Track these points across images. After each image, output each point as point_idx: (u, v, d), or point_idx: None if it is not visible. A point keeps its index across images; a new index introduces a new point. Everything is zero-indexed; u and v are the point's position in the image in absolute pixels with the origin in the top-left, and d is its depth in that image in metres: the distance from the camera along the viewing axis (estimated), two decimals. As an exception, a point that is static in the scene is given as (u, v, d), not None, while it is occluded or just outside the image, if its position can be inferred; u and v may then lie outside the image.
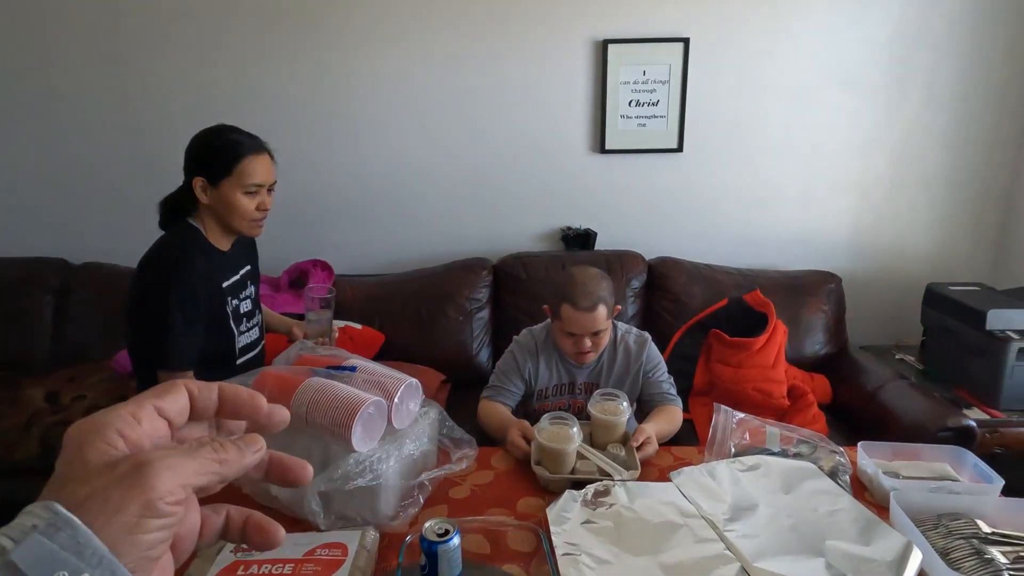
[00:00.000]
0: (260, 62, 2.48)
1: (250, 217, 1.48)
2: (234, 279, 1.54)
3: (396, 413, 1.13)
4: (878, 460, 1.37)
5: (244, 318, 1.57)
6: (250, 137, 1.48)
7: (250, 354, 1.59)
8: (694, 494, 1.24)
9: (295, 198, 2.62)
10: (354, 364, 1.18)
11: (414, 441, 1.17)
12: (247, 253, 1.66)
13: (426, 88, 2.52)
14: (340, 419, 1.02)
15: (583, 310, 1.53)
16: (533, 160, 2.60)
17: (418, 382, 1.18)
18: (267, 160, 1.49)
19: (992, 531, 1.13)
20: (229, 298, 1.51)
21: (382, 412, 1.09)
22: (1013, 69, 2.46)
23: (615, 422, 1.40)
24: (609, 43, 2.43)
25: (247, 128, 1.54)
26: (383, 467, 1.08)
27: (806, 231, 2.66)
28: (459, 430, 1.33)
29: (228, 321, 1.50)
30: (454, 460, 1.27)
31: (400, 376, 1.16)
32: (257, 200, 1.48)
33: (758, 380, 2.10)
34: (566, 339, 1.59)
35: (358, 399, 1.04)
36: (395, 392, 1.12)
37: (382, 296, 2.47)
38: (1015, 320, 2.07)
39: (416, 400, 1.20)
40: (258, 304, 1.67)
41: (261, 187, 1.47)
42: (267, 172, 1.48)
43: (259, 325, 1.65)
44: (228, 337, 1.50)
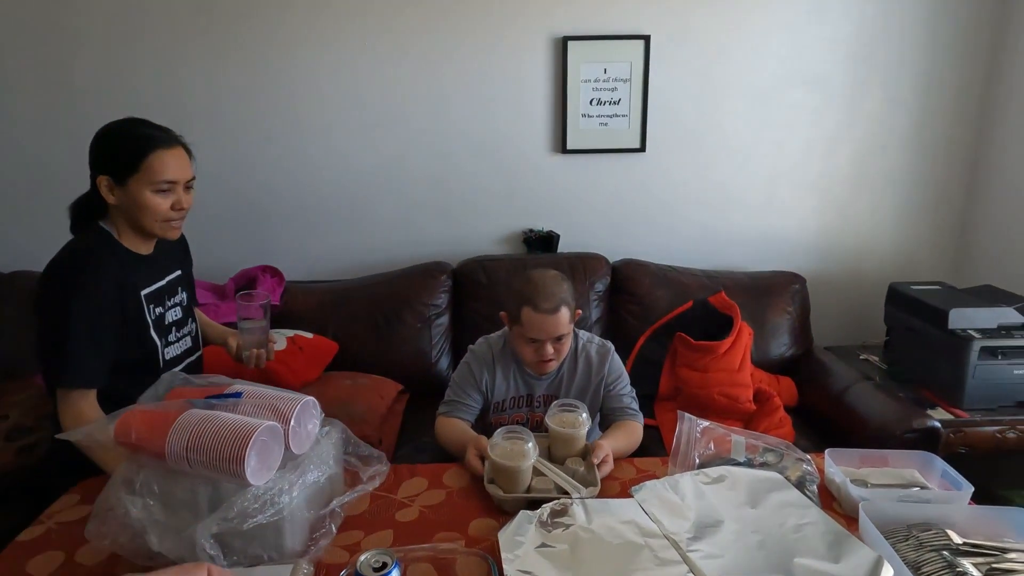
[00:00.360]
0: (193, 56, 2.35)
1: (163, 217, 1.34)
2: (158, 285, 1.42)
3: (294, 437, 1.03)
4: (846, 468, 1.32)
5: (172, 328, 1.45)
6: (160, 129, 1.36)
7: (180, 367, 1.47)
8: (656, 510, 1.16)
9: (240, 200, 2.50)
10: (238, 390, 1.07)
11: (318, 466, 1.07)
12: (176, 257, 1.53)
13: (377, 85, 2.41)
14: (229, 452, 0.91)
15: (544, 312, 1.44)
16: (493, 160, 2.52)
17: (315, 400, 1.09)
18: (181, 154, 1.36)
19: (964, 542, 1.08)
20: (151, 306, 1.38)
21: (277, 438, 0.99)
22: (970, 69, 2.47)
23: (574, 435, 1.32)
24: (569, 40, 2.37)
25: (181, 127, 1.41)
26: (286, 499, 0.97)
27: (769, 231, 2.63)
28: (366, 446, 1.23)
29: (149, 331, 1.37)
30: (365, 480, 1.17)
31: (294, 396, 1.06)
32: (171, 199, 1.35)
33: (724, 384, 2.05)
34: (527, 347, 1.50)
35: (248, 426, 0.94)
36: (290, 414, 1.02)
37: (335, 303, 2.35)
38: (976, 319, 2.06)
39: (315, 420, 1.10)
40: (192, 312, 1.55)
41: (175, 184, 1.34)
42: (181, 167, 1.35)
43: (192, 335, 1.53)
44: (149, 349, 1.37)
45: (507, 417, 1.63)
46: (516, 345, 1.54)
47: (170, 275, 1.48)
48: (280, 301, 2.33)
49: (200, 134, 2.36)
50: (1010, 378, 2.04)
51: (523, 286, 1.49)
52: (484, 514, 1.22)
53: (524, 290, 1.48)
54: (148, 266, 1.41)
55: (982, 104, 2.51)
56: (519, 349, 1.53)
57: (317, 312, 2.33)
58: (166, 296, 1.45)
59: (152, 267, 1.42)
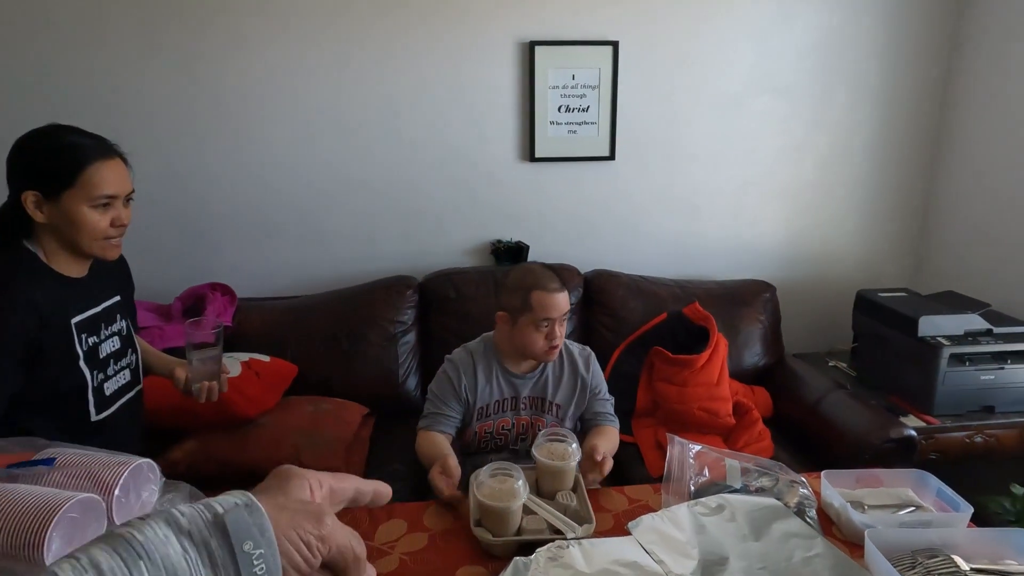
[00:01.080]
0: (128, 59, 2.16)
1: (102, 235, 1.20)
2: (92, 313, 1.26)
3: (121, 510, 0.86)
4: (842, 489, 1.28)
5: (110, 360, 1.29)
6: (94, 138, 1.21)
7: (117, 404, 1.31)
8: (657, 548, 1.09)
9: (185, 212, 2.32)
10: (51, 455, 0.90)
11: None
12: (115, 281, 1.37)
13: (332, 89, 2.28)
14: (26, 536, 0.74)
15: (554, 291, 1.49)
16: (458, 169, 2.42)
17: (151, 462, 0.92)
18: (119, 166, 1.22)
19: (971, 568, 1.05)
20: (83, 336, 1.23)
21: (97, 512, 0.82)
22: (929, 79, 2.52)
23: (564, 468, 1.23)
24: (536, 44, 2.29)
25: (113, 136, 1.26)
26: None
27: (739, 239, 2.62)
28: None
29: (78, 363, 1.21)
30: None
31: (124, 459, 0.90)
32: (110, 215, 1.20)
33: (703, 399, 2.01)
34: (537, 333, 1.49)
35: (52, 503, 0.77)
36: (115, 482, 0.86)
37: (293, 322, 2.20)
38: (944, 326, 2.08)
39: (152, 486, 0.93)
40: (132, 344, 1.39)
41: (114, 198, 1.20)
42: (121, 180, 1.22)
43: (132, 368, 1.37)
44: (78, 383, 1.21)
45: (492, 423, 1.59)
46: (524, 338, 1.50)
47: (107, 301, 1.32)
48: (232, 321, 2.16)
49: (138, 141, 2.17)
50: (977, 383, 2.07)
51: (523, 277, 1.52)
52: (472, 560, 1.12)
53: (526, 279, 1.51)
54: (81, 291, 1.25)
55: (939, 115, 2.56)
56: (528, 340, 1.50)
57: (273, 332, 2.17)
58: (102, 324, 1.29)
59: (86, 292, 1.26)
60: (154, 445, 1.75)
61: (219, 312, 2.14)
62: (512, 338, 1.53)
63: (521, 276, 1.53)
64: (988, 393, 2.09)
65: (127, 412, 1.34)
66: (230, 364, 1.88)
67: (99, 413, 1.26)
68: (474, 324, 2.23)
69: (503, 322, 1.54)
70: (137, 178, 1.66)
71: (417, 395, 2.25)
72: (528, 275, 1.52)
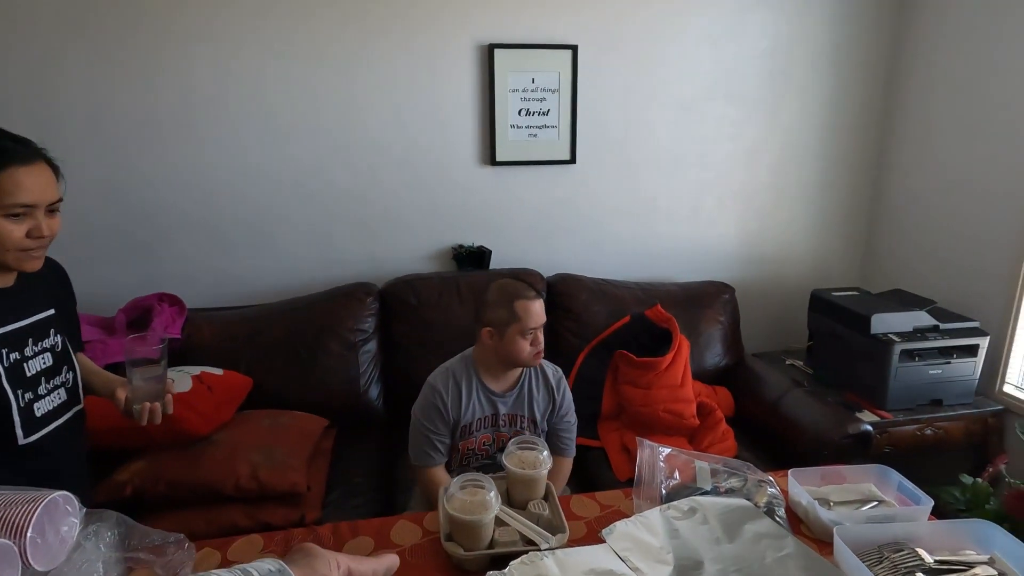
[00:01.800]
0: (70, 58, 2.04)
1: (18, 247, 1.09)
2: (16, 326, 1.15)
3: (36, 551, 0.79)
4: (808, 487, 1.30)
5: (40, 378, 1.19)
6: (15, 140, 1.10)
7: (52, 425, 1.21)
8: (632, 555, 1.08)
9: (129, 218, 2.20)
10: None
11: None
12: (48, 293, 1.27)
13: (286, 91, 2.20)
14: None
15: (535, 299, 1.55)
16: (417, 173, 2.37)
17: (67, 495, 0.84)
18: (43, 171, 1.12)
19: (935, 560, 1.07)
20: (4, 351, 1.12)
21: (9, 558, 0.76)
22: (875, 84, 2.61)
23: (536, 477, 1.21)
24: (495, 47, 2.27)
25: (55, 138, 1.17)
26: None
27: (697, 241, 2.66)
28: (158, 533, 0.98)
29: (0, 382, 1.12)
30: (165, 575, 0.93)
31: (34, 495, 0.81)
32: (28, 225, 1.09)
33: (668, 401, 2.02)
34: (523, 341, 1.53)
35: None
36: (26, 522, 0.77)
37: (247, 333, 2.11)
38: (895, 323, 2.15)
39: (72, 518, 0.85)
40: (69, 360, 1.29)
41: (33, 208, 1.10)
42: (42, 188, 1.10)
43: (69, 387, 1.27)
44: (1, 405, 1.12)
45: (475, 440, 1.60)
46: (512, 348, 1.53)
47: (38, 315, 1.21)
48: (181, 334, 2.06)
49: (81, 144, 2.10)
50: (926, 378, 2.15)
51: (502, 290, 1.56)
52: (442, 574, 1.08)
53: (506, 291, 1.55)
54: (5, 302, 1.15)
55: (883, 120, 2.66)
56: (516, 349, 1.53)
57: (226, 344, 2.08)
58: (28, 339, 1.18)
59: (11, 304, 1.16)
60: (100, 467, 1.65)
61: (167, 324, 2.03)
62: (499, 351, 1.55)
63: (500, 290, 1.57)
64: (936, 387, 2.17)
65: (64, 434, 1.24)
66: (180, 379, 1.79)
67: (28, 436, 1.16)
68: (437, 330, 2.20)
69: (489, 338, 1.55)
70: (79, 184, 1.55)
71: (380, 404, 2.20)
72: (507, 288, 1.56)
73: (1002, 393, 2.24)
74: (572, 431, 1.68)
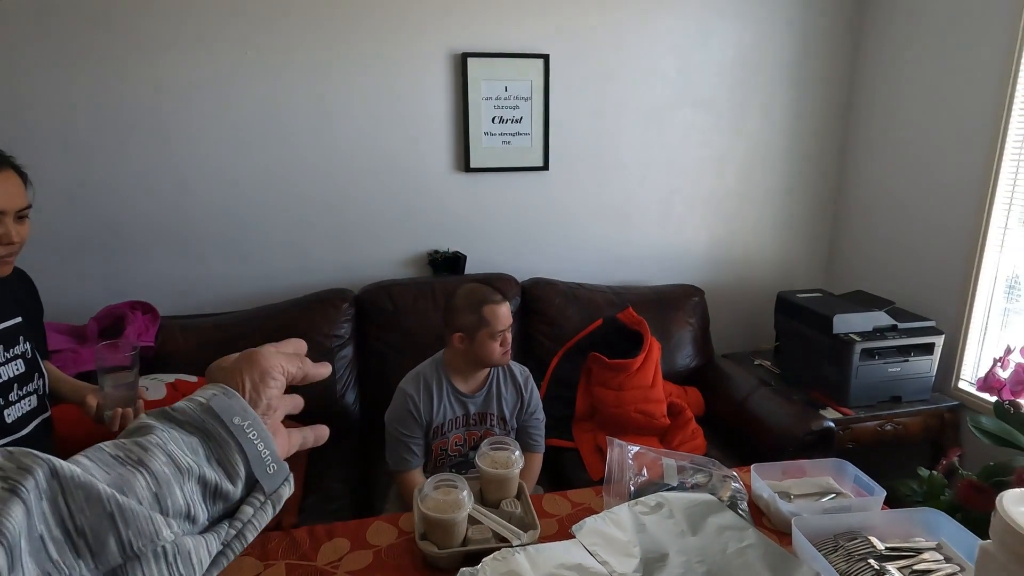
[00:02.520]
0: (34, 63, 2.02)
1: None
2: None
3: None
4: (770, 481, 1.35)
5: (12, 385, 1.20)
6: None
7: (22, 432, 1.21)
8: (601, 550, 1.12)
9: (99, 225, 2.18)
10: None
11: None
12: (17, 301, 1.27)
13: (262, 98, 2.21)
14: None
15: (501, 302, 1.60)
16: (392, 179, 2.40)
17: None
18: (11, 178, 1.14)
19: (886, 547, 1.13)
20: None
21: None
22: (836, 93, 2.71)
23: (508, 476, 1.25)
24: (468, 56, 2.31)
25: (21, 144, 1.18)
26: None
27: (667, 246, 2.73)
28: None
29: None
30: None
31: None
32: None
33: (639, 401, 2.07)
34: (494, 344, 1.59)
35: None
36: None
37: (221, 340, 2.11)
38: (855, 323, 2.24)
39: None
40: (39, 368, 1.29)
41: (2, 214, 1.12)
42: (11, 194, 1.13)
43: (40, 393, 1.27)
44: None
45: (447, 440, 1.65)
46: (483, 350, 1.59)
47: (5, 322, 1.22)
48: (155, 341, 2.05)
49: (47, 150, 2.09)
50: (885, 376, 2.23)
51: (470, 295, 1.61)
52: (418, 574, 1.11)
53: (473, 297, 1.59)
54: None
55: (844, 128, 2.76)
56: (487, 351, 1.59)
57: (200, 352, 2.07)
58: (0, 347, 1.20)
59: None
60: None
61: (140, 332, 2.02)
62: (469, 354, 1.60)
63: (469, 296, 1.61)
64: (895, 384, 2.26)
65: (34, 441, 1.25)
66: (154, 386, 1.79)
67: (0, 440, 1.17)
68: (413, 336, 2.22)
69: (459, 342, 1.59)
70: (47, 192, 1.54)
71: (356, 410, 2.21)
72: (475, 293, 1.61)
73: (957, 389, 2.33)
74: (541, 428, 1.74)
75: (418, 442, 1.60)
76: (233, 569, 1.12)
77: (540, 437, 1.74)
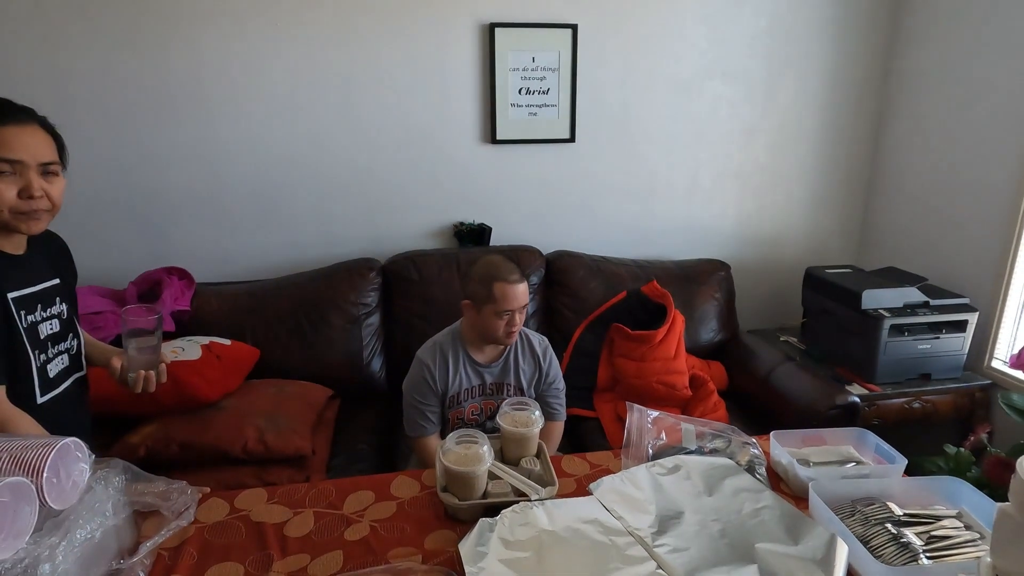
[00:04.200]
0: (78, 38, 2.08)
1: (12, 207, 1.13)
2: (30, 291, 1.22)
3: (52, 489, 0.86)
4: (790, 448, 1.36)
5: (49, 342, 1.26)
6: (11, 105, 1.14)
7: (59, 388, 1.27)
8: (617, 506, 1.14)
9: (139, 194, 2.26)
10: None
11: (90, 520, 0.91)
12: (54, 263, 1.33)
13: (294, 70, 2.25)
14: None
15: (515, 283, 1.57)
16: (419, 151, 2.42)
17: (77, 441, 0.92)
18: (36, 132, 1.15)
19: (904, 513, 1.13)
20: (22, 312, 1.19)
21: (27, 496, 0.83)
22: (872, 62, 2.63)
23: (528, 435, 1.27)
24: (496, 27, 2.30)
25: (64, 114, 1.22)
26: (47, 568, 0.82)
27: (694, 220, 2.70)
28: (162, 480, 1.08)
29: (20, 339, 1.18)
30: (173, 516, 1.05)
31: (48, 440, 0.89)
32: (18, 183, 1.13)
33: (661, 373, 2.08)
34: (498, 321, 1.58)
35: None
36: (43, 464, 0.85)
37: (254, 306, 2.17)
38: (885, 299, 2.20)
39: (82, 463, 0.93)
40: (74, 328, 1.35)
41: (21, 165, 1.13)
42: (31, 146, 1.13)
43: (72, 353, 1.33)
44: (22, 361, 1.18)
45: (463, 409, 1.67)
46: (486, 324, 1.59)
47: (45, 282, 1.28)
48: (191, 306, 2.13)
49: (90, 122, 2.16)
50: (914, 353, 2.20)
51: (486, 268, 1.60)
52: (440, 524, 1.15)
53: (488, 271, 1.58)
54: (17, 268, 1.21)
55: (880, 101, 2.68)
56: (490, 326, 1.59)
57: (233, 316, 2.15)
58: (39, 305, 1.25)
59: (22, 270, 1.22)
60: (112, 431, 1.72)
61: (176, 297, 2.10)
62: (475, 324, 1.62)
63: (485, 267, 1.61)
64: (925, 361, 2.22)
65: (71, 398, 1.30)
66: (190, 347, 1.86)
67: (43, 395, 1.23)
68: (437, 305, 2.26)
69: (468, 309, 1.62)
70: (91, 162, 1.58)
71: (382, 376, 2.27)
72: (491, 267, 1.60)
73: (990, 368, 2.28)
74: (561, 397, 1.76)
75: (434, 410, 1.63)
76: (263, 513, 1.18)
77: (560, 406, 1.76)
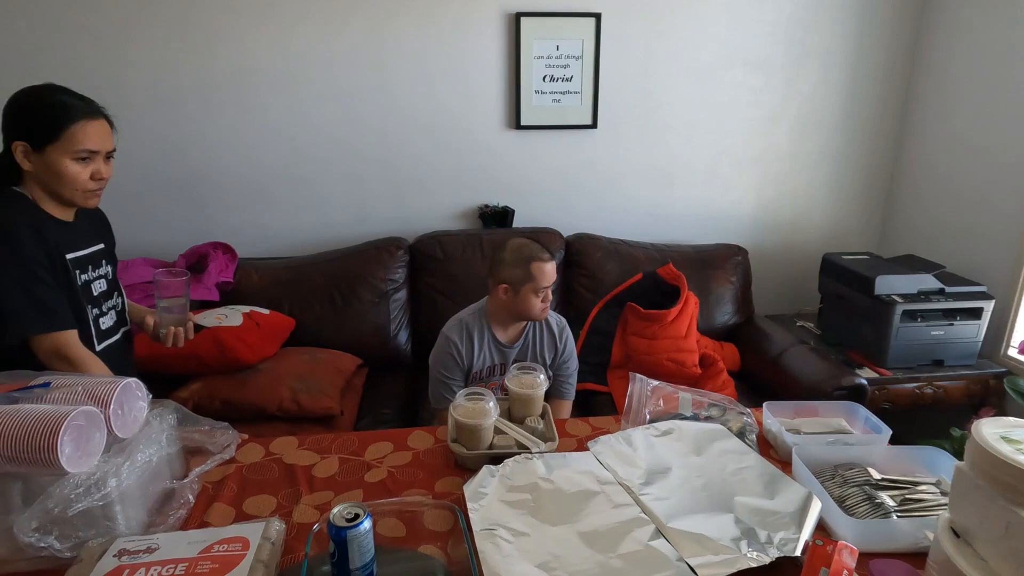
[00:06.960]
0: (135, 27, 2.26)
1: (82, 187, 1.34)
2: (82, 253, 1.41)
3: (117, 420, 1.00)
4: (781, 419, 1.43)
5: (101, 299, 1.44)
6: (82, 100, 1.34)
7: (112, 339, 1.46)
8: (611, 461, 1.25)
9: (189, 175, 2.44)
10: (46, 380, 1.04)
11: (148, 446, 1.05)
12: (98, 230, 1.52)
13: (332, 59, 2.39)
14: (40, 441, 0.88)
15: (549, 260, 1.67)
16: (446, 136, 2.54)
17: (137, 381, 1.06)
18: (103, 126, 1.36)
19: (881, 477, 1.21)
20: (77, 272, 1.38)
21: (97, 423, 0.96)
22: (895, 56, 2.63)
23: (533, 395, 1.38)
24: (522, 15, 2.40)
25: (121, 99, 1.40)
26: (113, 482, 0.95)
27: (713, 206, 2.76)
28: (207, 420, 1.26)
29: (79, 297, 1.37)
30: (217, 450, 1.22)
31: (113, 379, 1.04)
32: (91, 168, 1.34)
33: (671, 351, 2.16)
34: (536, 299, 1.67)
35: (59, 413, 0.91)
36: (110, 397, 0.99)
37: (291, 280, 2.34)
38: (899, 285, 2.23)
39: (141, 402, 1.08)
40: (118, 288, 1.54)
41: (95, 154, 1.34)
42: (102, 138, 1.36)
43: (118, 310, 1.52)
44: (81, 315, 1.37)
45: (484, 385, 1.75)
46: (524, 303, 1.67)
47: (93, 246, 1.47)
48: (233, 278, 2.30)
49: (145, 106, 2.33)
50: (927, 339, 2.23)
51: (519, 251, 1.67)
52: (449, 472, 1.27)
53: (523, 253, 1.67)
54: (71, 233, 1.40)
55: (905, 89, 2.68)
56: (529, 305, 1.67)
57: (272, 289, 2.31)
58: (90, 266, 1.44)
59: (75, 234, 1.41)
60: (164, 388, 1.90)
61: (221, 269, 2.27)
62: (512, 306, 1.69)
63: (518, 250, 1.68)
64: (938, 347, 2.25)
65: (118, 351, 1.49)
66: (232, 314, 2.03)
67: (100, 344, 1.42)
68: (461, 283, 2.39)
69: (503, 293, 1.68)
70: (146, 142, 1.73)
71: (408, 349, 2.41)
72: (525, 249, 1.68)
73: (1006, 356, 2.29)
74: (573, 376, 1.84)
75: (458, 383, 1.72)
76: (294, 456, 1.32)
77: (570, 386, 1.84)
